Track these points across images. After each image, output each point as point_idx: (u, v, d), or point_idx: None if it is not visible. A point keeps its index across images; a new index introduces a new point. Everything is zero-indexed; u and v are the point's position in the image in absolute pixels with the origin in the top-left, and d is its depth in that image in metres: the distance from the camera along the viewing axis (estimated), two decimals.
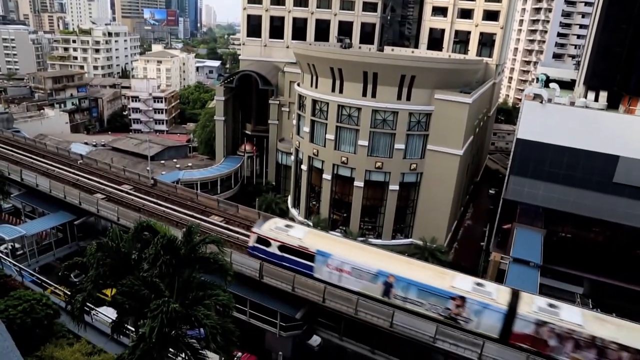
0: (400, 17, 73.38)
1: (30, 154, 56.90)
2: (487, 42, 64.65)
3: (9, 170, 49.16)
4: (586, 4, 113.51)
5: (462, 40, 65.64)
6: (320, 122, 48.99)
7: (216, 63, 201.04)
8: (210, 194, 53.54)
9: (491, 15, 63.40)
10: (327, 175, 49.62)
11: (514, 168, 45.01)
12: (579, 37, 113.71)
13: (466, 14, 64.51)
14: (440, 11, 65.65)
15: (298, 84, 53.45)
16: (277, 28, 65.55)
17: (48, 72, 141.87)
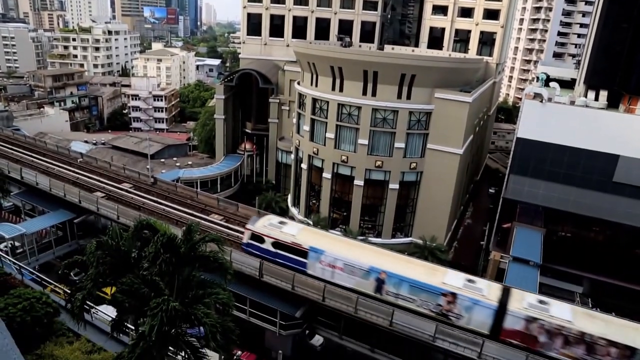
0: (401, 15, 73.24)
1: (30, 152, 56.89)
2: (487, 41, 64.62)
3: (8, 168, 49.17)
4: (587, 2, 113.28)
5: (462, 39, 65.62)
6: (320, 120, 48.97)
7: (216, 61, 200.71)
8: (210, 192, 53.53)
9: (491, 14, 63.38)
10: (327, 174, 49.61)
11: (514, 167, 45.04)
12: (579, 36, 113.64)
13: (466, 12, 64.47)
14: (440, 10, 65.60)
15: (298, 83, 53.39)
16: (277, 26, 65.50)
17: (48, 70, 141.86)
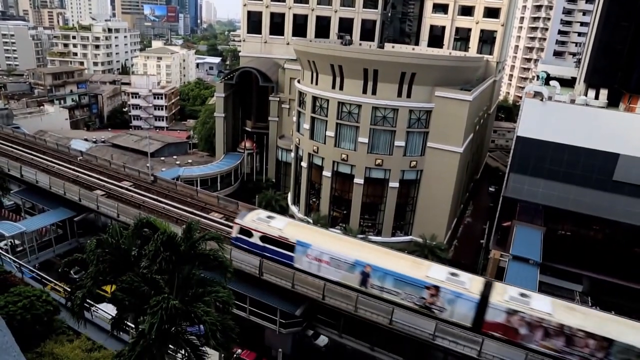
0: (401, 14, 73.18)
1: (30, 150, 56.89)
2: (487, 40, 64.57)
3: (8, 166, 49.16)
4: (587, 1, 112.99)
5: (462, 37, 65.58)
6: (320, 119, 48.94)
7: (216, 59, 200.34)
8: (210, 190, 53.51)
9: (492, 13, 63.34)
10: (327, 172, 49.58)
11: (514, 165, 45.04)
12: (579, 34, 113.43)
13: (467, 11, 64.42)
14: (441, 8, 65.56)
15: (298, 81, 53.32)
16: (277, 25, 65.41)
17: (48, 68, 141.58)
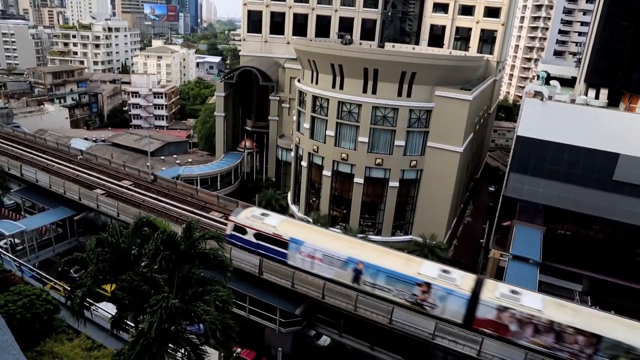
0: (401, 13, 73.12)
1: (30, 149, 56.88)
2: (488, 39, 64.54)
3: (8, 165, 49.16)
4: (588, 1, 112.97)
5: (463, 37, 65.55)
6: (320, 118, 48.92)
7: (216, 59, 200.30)
8: (210, 190, 53.49)
9: (492, 12, 63.32)
10: (327, 172, 49.57)
11: (514, 165, 45.03)
12: (580, 34, 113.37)
13: (467, 10, 64.39)
14: (441, 7, 65.54)
15: (298, 80, 53.30)
16: (277, 24, 65.36)
17: (48, 67, 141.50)
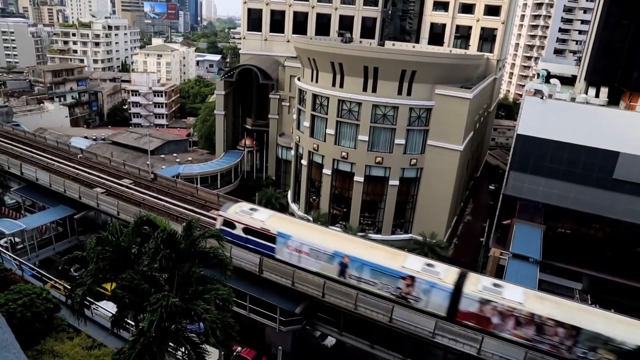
0: (401, 11, 73.14)
1: (30, 148, 56.81)
2: (488, 37, 64.49)
3: (8, 164, 49.11)
4: None
5: (463, 35, 65.49)
6: (320, 116, 48.90)
7: (216, 57, 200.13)
8: (210, 188, 53.47)
9: (492, 10, 63.24)
10: (327, 170, 49.58)
11: (514, 164, 45.03)
12: (580, 32, 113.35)
13: (467, 8, 64.31)
14: (441, 6, 65.46)
15: (298, 79, 53.27)
16: (277, 22, 65.29)
17: (48, 65, 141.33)
